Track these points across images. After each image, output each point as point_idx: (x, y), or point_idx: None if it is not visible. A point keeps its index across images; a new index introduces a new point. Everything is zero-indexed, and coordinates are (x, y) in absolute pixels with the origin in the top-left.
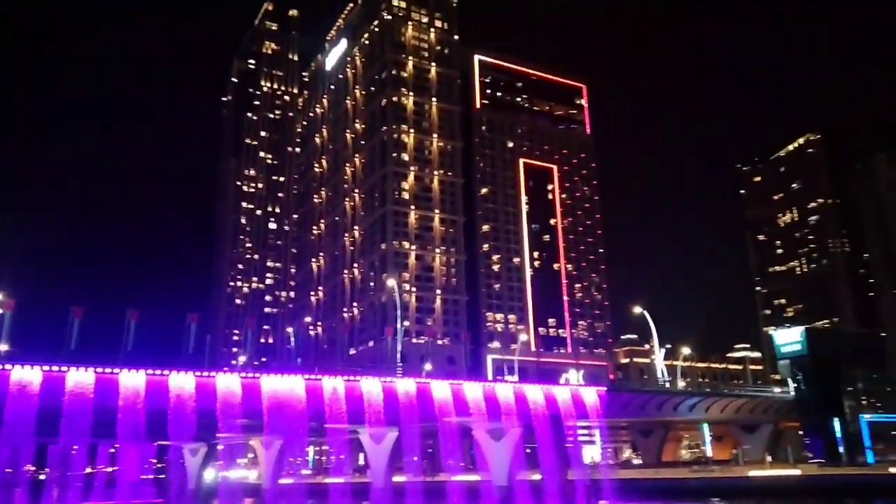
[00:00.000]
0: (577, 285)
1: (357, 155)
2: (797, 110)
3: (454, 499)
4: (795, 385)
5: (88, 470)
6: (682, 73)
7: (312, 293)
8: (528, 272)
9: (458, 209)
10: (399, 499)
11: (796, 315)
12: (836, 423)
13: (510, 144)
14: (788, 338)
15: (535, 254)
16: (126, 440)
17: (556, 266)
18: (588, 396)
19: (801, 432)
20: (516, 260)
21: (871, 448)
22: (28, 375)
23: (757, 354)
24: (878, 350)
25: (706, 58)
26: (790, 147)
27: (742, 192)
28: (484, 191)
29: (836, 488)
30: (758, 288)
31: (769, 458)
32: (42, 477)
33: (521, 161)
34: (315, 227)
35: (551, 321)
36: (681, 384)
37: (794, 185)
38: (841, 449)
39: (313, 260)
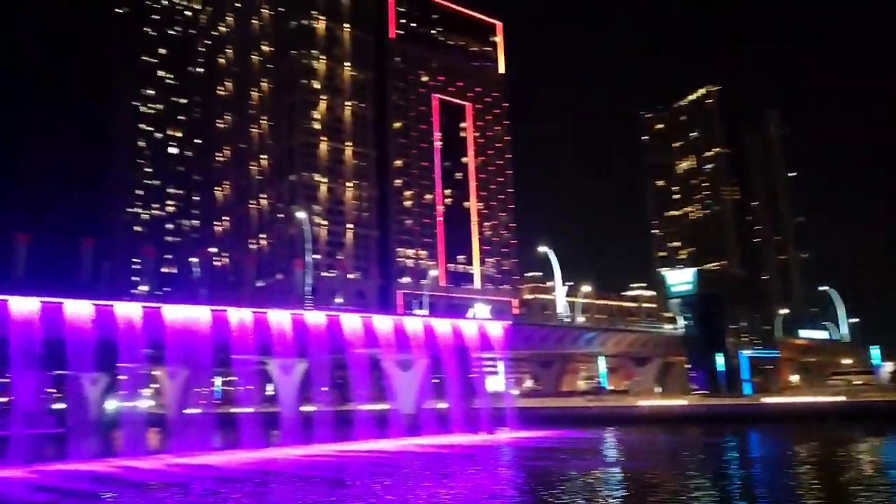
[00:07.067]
0: (487, 223)
1: (264, 79)
2: (699, 61)
3: (361, 425)
4: (685, 322)
5: None
6: (596, 17)
7: (217, 223)
8: (440, 209)
9: (371, 142)
10: (307, 426)
11: (688, 257)
12: (719, 358)
13: (424, 79)
14: (680, 278)
15: (447, 191)
16: (19, 369)
17: (466, 204)
18: (493, 330)
19: (687, 366)
20: (428, 196)
21: (748, 381)
22: None
23: (651, 293)
24: (758, 291)
25: (620, 4)
26: (691, 97)
27: (644, 138)
28: (397, 125)
29: (716, 417)
30: (654, 231)
31: (658, 389)
32: None
33: (435, 96)
34: (219, 154)
35: (460, 258)
36: (580, 319)
37: (692, 134)
38: (722, 381)
39: (217, 188)
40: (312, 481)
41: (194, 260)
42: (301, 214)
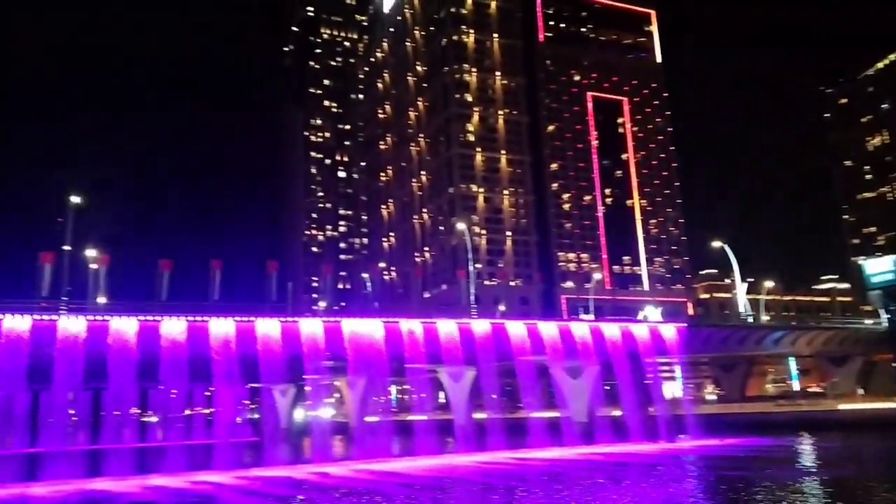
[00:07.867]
0: (652, 221)
1: (420, 98)
2: (885, 25)
3: (534, 433)
4: (888, 316)
5: (187, 412)
6: None
7: (384, 239)
8: (601, 209)
9: (525, 148)
10: (481, 434)
11: (887, 243)
12: None
13: (577, 78)
14: (880, 267)
15: (607, 190)
16: (221, 383)
17: (629, 202)
18: (667, 332)
19: (894, 364)
20: (587, 198)
21: None
22: (126, 326)
23: (845, 285)
24: None
25: None
26: (879, 65)
27: (826, 115)
28: (551, 128)
29: None
30: (845, 216)
31: (860, 391)
32: (147, 419)
33: (589, 95)
34: (383, 174)
35: (626, 259)
36: (764, 318)
37: (884, 106)
38: None
39: (383, 206)
40: (493, 489)
41: (366, 275)
42: (461, 226)
